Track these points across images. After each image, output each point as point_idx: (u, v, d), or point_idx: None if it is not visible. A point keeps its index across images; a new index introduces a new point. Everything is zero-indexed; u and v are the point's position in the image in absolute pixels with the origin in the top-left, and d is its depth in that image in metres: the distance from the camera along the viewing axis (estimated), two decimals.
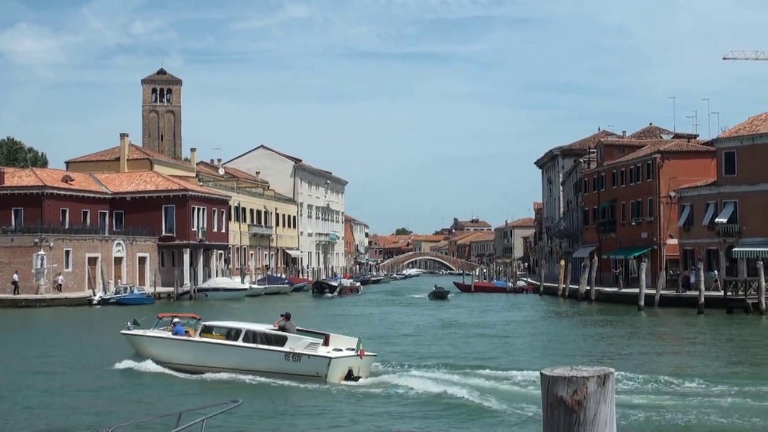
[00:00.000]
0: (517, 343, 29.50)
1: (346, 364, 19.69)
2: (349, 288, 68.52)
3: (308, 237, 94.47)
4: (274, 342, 20.21)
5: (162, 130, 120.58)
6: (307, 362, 19.60)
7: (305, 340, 20.14)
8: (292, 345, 19.94)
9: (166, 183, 64.10)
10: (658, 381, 19.10)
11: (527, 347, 28.46)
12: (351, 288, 69.12)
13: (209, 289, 58.00)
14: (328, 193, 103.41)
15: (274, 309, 49.41)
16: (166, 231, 62.45)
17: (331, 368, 19.40)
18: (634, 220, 56.12)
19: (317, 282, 67.19)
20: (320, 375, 19.33)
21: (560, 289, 57.76)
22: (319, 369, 19.44)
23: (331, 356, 19.62)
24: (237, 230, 73.70)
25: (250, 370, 19.83)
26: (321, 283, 66.11)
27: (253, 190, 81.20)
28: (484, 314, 44.02)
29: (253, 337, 20.50)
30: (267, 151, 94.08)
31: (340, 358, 19.65)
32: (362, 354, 19.97)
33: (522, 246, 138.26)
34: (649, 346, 28.04)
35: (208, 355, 20.58)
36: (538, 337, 31.95)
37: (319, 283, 66.79)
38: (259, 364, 19.89)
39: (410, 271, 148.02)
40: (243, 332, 20.60)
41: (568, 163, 75.65)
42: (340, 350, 20.15)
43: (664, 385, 18.67)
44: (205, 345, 20.80)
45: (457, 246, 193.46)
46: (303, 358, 19.64)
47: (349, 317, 40.75)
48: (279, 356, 19.80)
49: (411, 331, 33.77)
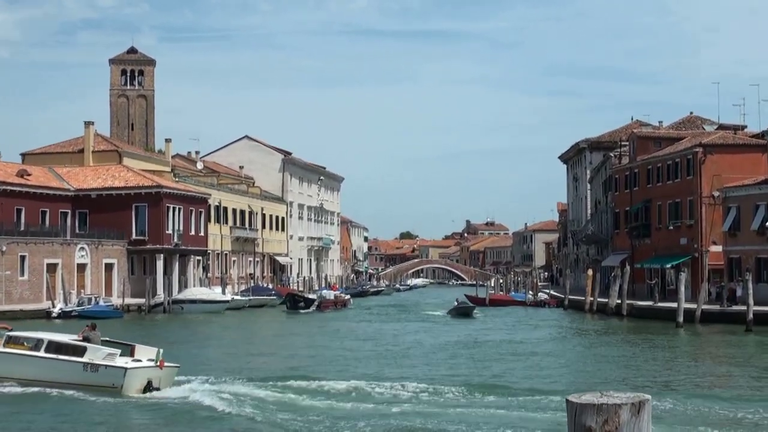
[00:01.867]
0: (537, 364, 29.52)
1: (144, 375, 21.61)
2: (332, 302, 65.46)
3: (299, 241, 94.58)
4: (74, 353, 22.21)
5: (132, 118, 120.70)
6: (104, 373, 21.63)
7: (104, 351, 22.15)
8: (91, 356, 21.95)
9: (137, 178, 64.15)
10: (700, 410, 19.12)
11: (549, 368, 28.48)
12: (335, 302, 66.07)
13: (186, 301, 58.11)
14: (322, 191, 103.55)
15: (257, 324, 49.48)
16: (136, 234, 62.60)
17: (128, 379, 21.37)
18: (671, 224, 56.10)
19: (289, 295, 64.64)
20: (116, 386, 21.34)
21: (587, 302, 57.71)
22: (116, 380, 21.44)
23: (128, 367, 21.57)
24: (217, 233, 73.87)
25: (51, 381, 21.89)
26: (294, 296, 63.60)
27: (236, 187, 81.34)
28: (507, 332, 43.93)
29: (56, 348, 22.51)
30: (252, 143, 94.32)
31: (137, 369, 21.61)
32: (162, 365, 21.78)
33: (544, 253, 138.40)
34: (690, 370, 28.07)
35: (9, 367, 22.60)
36: (561, 358, 31.95)
37: (291, 295, 64.06)
38: (59, 376, 21.93)
39: (416, 281, 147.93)
40: (45, 343, 22.68)
41: (597, 158, 75.75)
42: (140, 361, 22.02)
43: (708, 415, 18.68)
44: (5, 356, 22.74)
45: (469, 252, 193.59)
46: (100, 369, 21.69)
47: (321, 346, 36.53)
48: (77, 367, 21.87)
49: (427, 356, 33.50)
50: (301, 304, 61.76)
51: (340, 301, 67.59)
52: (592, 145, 78.06)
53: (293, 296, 63.58)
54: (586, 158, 78.99)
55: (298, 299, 62.79)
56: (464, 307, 57.63)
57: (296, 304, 61.81)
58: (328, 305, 64.09)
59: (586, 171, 79.06)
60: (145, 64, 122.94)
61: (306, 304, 61.88)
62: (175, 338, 39.88)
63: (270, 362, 30.12)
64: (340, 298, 68.44)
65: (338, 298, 68.05)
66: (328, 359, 31.09)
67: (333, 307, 64.44)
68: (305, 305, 61.69)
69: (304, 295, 65.19)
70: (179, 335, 41.73)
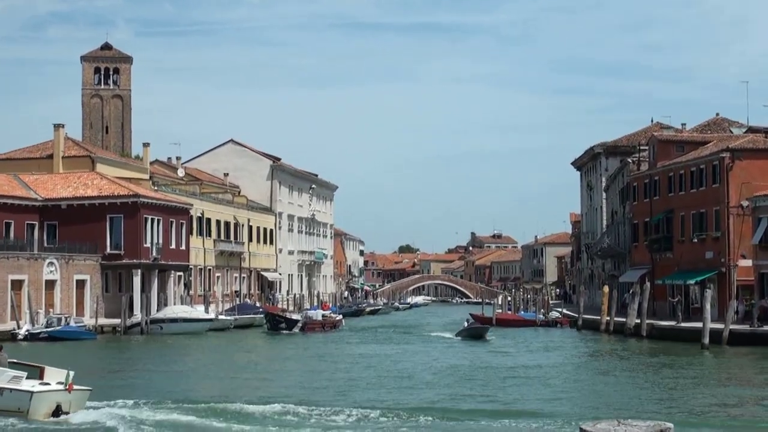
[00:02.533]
0: (550, 389, 29.55)
1: (52, 399, 22.44)
2: (320, 323, 64.64)
3: (289, 255, 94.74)
4: None
5: (107, 120, 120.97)
6: (9, 397, 22.36)
7: (9, 374, 22.84)
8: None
9: (112, 187, 64.27)
10: None
11: (562, 393, 28.50)
12: (324, 323, 65.26)
13: (165, 320, 58.37)
14: (314, 200, 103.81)
15: (233, 347, 49.44)
16: (111, 247, 62.71)
17: (34, 403, 22.13)
18: (696, 236, 56.15)
19: (269, 314, 64.19)
20: (22, 410, 22.12)
21: (603, 322, 57.86)
22: (21, 404, 22.22)
23: (34, 390, 22.32)
24: (200, 246, 74.02)
25: None
26: (274, 316, 63.19)
27: (220, 197, 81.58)
28: (516, 355, 43.86)
29: None
30: (238, 148, 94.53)
31: (43, 393, 22.40)
32: (71, 388, 22.63)
33: (556, 268, 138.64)
34: (717, 396, 28.07)
35: None
36: (576, 382, 32.01)
37: (271, 315, 63.65)
38: None
39: (416, 299, 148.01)
40: None
41: (613, 164, 75.91)
42: (48, 384, 22.87)
43: None
44: None
45: (474, 267, 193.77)
46: (5, 393, 22.40)
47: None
48: None
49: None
50: (282, 325, 61.41)
51: (329, 322, 66.79)
52: (608, 149, 78.23)
53: (273, 316, 63.09)
54: (602, 164, 79.18)
55: (278, 320, 62.37)
56: (476, 329, 57.06)
57: (276, 325, 61.47)
58: (314, 326, 63.25)
59: (601, 178, 79.23)
60: (121, 62, 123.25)
61: (288, 325, 61.46)
62: (141, 360, 40.25)
63: (211, 387, 30.77)
64: (329, 319, 67.77)
65: (327, 319, 67.27)
66: (287, 384, 31.42)
67: (320, 328, 63.70)
68: (287, 326, 61.28)
69: (286, 315, 64.46)
70: (149, 358, 41.89)
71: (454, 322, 75.43)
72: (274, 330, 60.95)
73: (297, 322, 62.48)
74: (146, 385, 30.76)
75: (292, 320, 62.69)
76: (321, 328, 64.04)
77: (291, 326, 61.40)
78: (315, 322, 64.45)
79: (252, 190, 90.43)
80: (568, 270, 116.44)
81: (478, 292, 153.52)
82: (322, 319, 65.88)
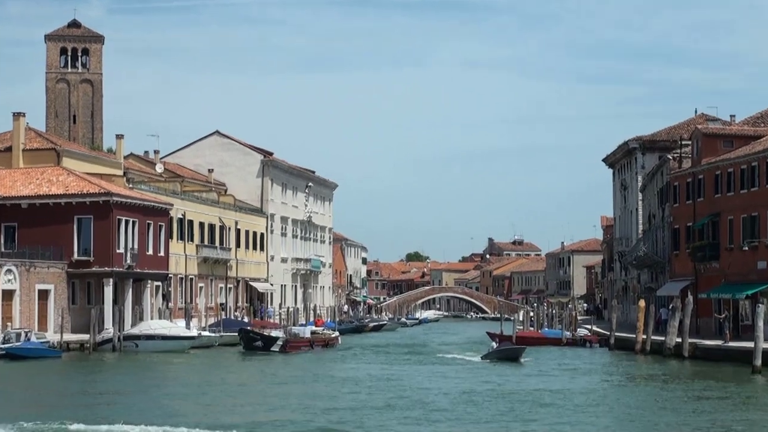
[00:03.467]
0: (581, 418, 29.44)
1: None
2: (307, 341, 64.12)
3: (281, 264, 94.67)
4: None
5: (75, 108, 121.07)
6: None
7: None
8: None
9: (80, 184, 64.10)
10: None
11: (594, 424, 28.36)
12: (312, 341, 64.71)
13: (141, 337, 58.48)
14: (311, 200, 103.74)
15: (227, 370, 49.23)
16: (79, 253, 62.58)
17: None
18: (746, 244, 55.92)
19: (242, 331, 63.23)
20: None
21: (638, 341, 57.75)
22: None
23: None
24: (181, 253, 73.96)
25: None
26: (248, 333, 62.27)
27: (204, 196, 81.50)
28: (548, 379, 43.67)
29: None
30: (224, 140, 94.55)
31: None
32: None
33: (584, 279, 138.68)
34: None
35: None
36: (609, 412, 31.82)
37: (245, 332, 62.61)
38: None
39: (426, 314, 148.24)
40: None
41: (651, 161, 75.83)
42: None
43: None
44: None
45: (492, 278, 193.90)
46: None
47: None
48: None
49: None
50: (257, 344, 60.76)
51: (321, 339, 66.30)
52: (645, 144, 78.18)
53: (246, 333, 62.25)
54: (638, 161, 79.14)
55: (253, 337, 61.64)
56: (511, 350, 55.65)
57: (251, 343, 60.86)
58: (299, 346, 62.73)
59: (637, 177, 79.18)
60: (91, 42, 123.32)
61: (265, 344, 60.75)
62: (111, 382, 40.46)
63: (113, 408, 31.27)
64: (321, 336, 67.29)
65: (318, 336, 66.79)
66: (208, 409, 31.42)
67: (308, 348, 63.21)
68: (264, 345, 60.64)
69: (262, 332, 63.53)
70: (120, 379, 41.97)
71: (471, 341, 75.19)
72: (248, 349, 60.35)
73: (276, 339, 61.62)
74: (114, 410, 30.67)
75: (271, 338, 61.76)
76: (309, 346, 63.53)
77: (269, 345, 60.58)
78: (300, 340, 63.99)
79: (240, 188, 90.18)
80: (599, 282, 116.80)
81: (495, 306, 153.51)
82: (310, 337, 65.45)
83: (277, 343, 60.96)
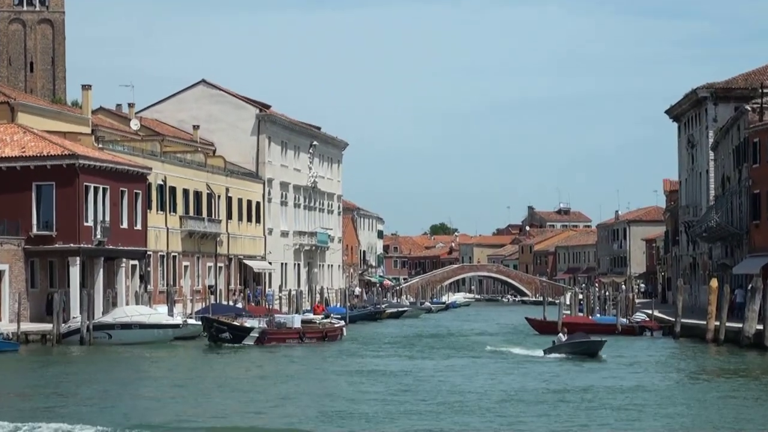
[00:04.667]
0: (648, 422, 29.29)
1: None
2: (296, 332, 61.72)
3: (281, 238, 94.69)
4: None
5: (32, 54, 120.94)
6: None
7: None
8: None
9: (40, 144, 64.00)
10: None
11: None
12: (302, 332, 62.13)
13: (115, 326, 58.25)
14: (316, 163, 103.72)
15: (223, 370, 48.72)
16: (39, 227, 62.62)
17: None
18: None
19: (205, 319, 61.13)
20: None
21: (710, 329, 57.56)
22: None
23: None
24: (162, 226, 73.98)
25: None
26: (212, 322, 60.01)
27: (188, 158, 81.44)
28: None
29: None
30: (212, 91, 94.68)
31: None
32: None
33: (644, 255, 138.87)
34: None
35: None
36: (675, 416, 31.44)
37: (208, 321, 60.44)
38: None
39: (454, 297, 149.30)
40: None
41: (725, 113, 75.65)
42: None
43: None
44: None
45: (533, 254, 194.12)
46: None
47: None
48: None
49: None
50: (224, 335, 59.15)
51: (316, 331, 64.15)
52: (718, 93, 77.96)
53: (210, 322, 60.31)
54: (709, 113, 78.96)
55: (219, 327, 59.79)
56: (588, 343, 52.85)
57: (217, 335, 59.37)
58: (283, 338, 60.86)
59: (707, 132, 79.12)
60: None
61: (233, 335, 59.11)
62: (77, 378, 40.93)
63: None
64: (317, 327, 65.33)
65: (312, 328, 64.79)
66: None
67: (296, 341, 61.09)
68: (232, 337, 59.02)
69: (230, 321, 61.49)
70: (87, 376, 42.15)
71: (516, 330, 74.29)
72: (215, 341, 58.88)
73: (250, 330, 59.85)
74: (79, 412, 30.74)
75: (242, 328, 59.97)
76: (297, 339, 61.48)
77: (239, 337, 58.95)
78: (284, 332, 61.70)
79: (232, 148, 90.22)
80: (661, 258, 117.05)
81: (537, 287, 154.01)
82: (299, 327, 63.01)
83: (251, 335, 59.49)
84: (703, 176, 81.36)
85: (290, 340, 60.98)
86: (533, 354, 53.33)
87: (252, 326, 60.46)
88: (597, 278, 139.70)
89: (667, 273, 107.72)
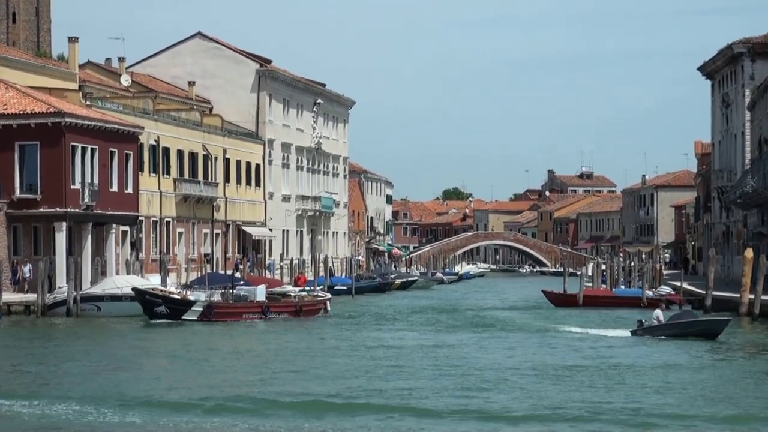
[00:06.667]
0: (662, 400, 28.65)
1: None
2: (258, 306, 57.76)
3: (283, 203, 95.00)
4: None
5: (14, 5, 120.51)
6: None
7: None
8: None
9: (23, 101, 64.15)
10: None
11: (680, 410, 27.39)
12: (266, 306, 58.01)
13: (105, 298, 58.28)
14: (320, 122, 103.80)
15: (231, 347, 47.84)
16: (22, 190, 62.96)
17: None
18: None
19: (138, 292, 57.28)
20: None
21: (744, 303, 57.42)
22: None
23: None
24: (155, 189, 74.43)
25: None
26: (144, 295, 56.70)
27: (183, 116, 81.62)
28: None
29: None
30: (209, 44, 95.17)
31: None
32: None
33: (673, 223, 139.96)
34: None
35: None
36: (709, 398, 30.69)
37: (141, 293, 57.01)
38: None
39: (468, 268, 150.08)
40: None
41: (763, 70, 75.91)
42: None
43: None
44: None
45: (553, 221, 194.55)
46: None
47: None
48: None
49: None
50: (159, 309, 56.10)
51: (286, 305, 60.18)
52: (756, 48, 78.26)
53: (143, 294, 57.11)
54: (745, 71, 79.13)
55: (153, 300, 56.65)
56: (709, 322, 48.37)
57: (151, 309, 56.33)
58: (233, 313, 57.26)
59: (743, 91, 79.13)
60: None
61: (171, 310, 55.99)
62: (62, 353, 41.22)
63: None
64: (288, 302, 60.98)
65: (282, 302, 60.60)
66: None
67: (258, 316, 57.52)
68: (168, 311, 56.00)
69: (168, 294, 58.45)
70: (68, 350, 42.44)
71: (541, 305, 71.40)
72: (151, 317, 55.99)
73: (192, 304, 56.75)
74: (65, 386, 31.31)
75: (180, 301, 57.02)
76: (260, 314, 57.77)
77: (177, 312, 55.97)
78: (241, 306, 58.20)
79: (230, 106, 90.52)
80: (691, 226, 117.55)
81: (557, 257, 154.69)
82: (263, 301, 58.90)
83: (192, 309, 56.52)
84: (739, 138, 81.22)
85: (249, 315, 57.57)
86: (621, 335, 48.75)
87: (193, 300, 57.33)
88: (621, 248, 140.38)
89: (698, 242, 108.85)
